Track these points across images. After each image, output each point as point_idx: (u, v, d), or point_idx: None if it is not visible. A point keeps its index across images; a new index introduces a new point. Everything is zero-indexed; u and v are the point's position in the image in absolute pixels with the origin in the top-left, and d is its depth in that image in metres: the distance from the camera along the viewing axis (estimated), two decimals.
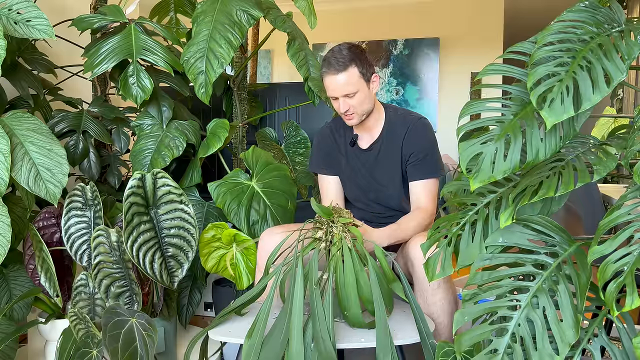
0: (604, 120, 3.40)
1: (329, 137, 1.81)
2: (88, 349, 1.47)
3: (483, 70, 1.03)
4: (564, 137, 0.93)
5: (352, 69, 1.57)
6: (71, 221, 1.75)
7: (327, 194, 1.80)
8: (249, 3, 1.88)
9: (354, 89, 1.59)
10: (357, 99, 1.60)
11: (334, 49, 1.61)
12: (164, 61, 1.86)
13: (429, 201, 1.65)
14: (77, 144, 1.94)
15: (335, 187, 1.80)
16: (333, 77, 1.58)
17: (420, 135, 1.66)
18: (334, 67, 1.57)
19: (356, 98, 1.60)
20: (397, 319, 1.38)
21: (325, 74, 1.60)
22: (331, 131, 1.81)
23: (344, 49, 1.59)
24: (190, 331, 2.23)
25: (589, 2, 0.99)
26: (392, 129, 1.71)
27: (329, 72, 1.58)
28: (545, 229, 0.96)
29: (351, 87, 1.58)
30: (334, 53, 1.59)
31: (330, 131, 1.81)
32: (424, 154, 1.65)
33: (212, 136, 1.99)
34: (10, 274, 1.85)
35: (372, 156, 1.72)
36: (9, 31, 1.60)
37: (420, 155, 1.65)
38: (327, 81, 1.60)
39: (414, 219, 1.60)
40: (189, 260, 1.69)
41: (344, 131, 1.78)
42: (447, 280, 1.47)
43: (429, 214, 1.63)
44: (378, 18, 5.40)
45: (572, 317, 0.85)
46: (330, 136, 1.80)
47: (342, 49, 1.59)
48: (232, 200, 1.82)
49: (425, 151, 1.65)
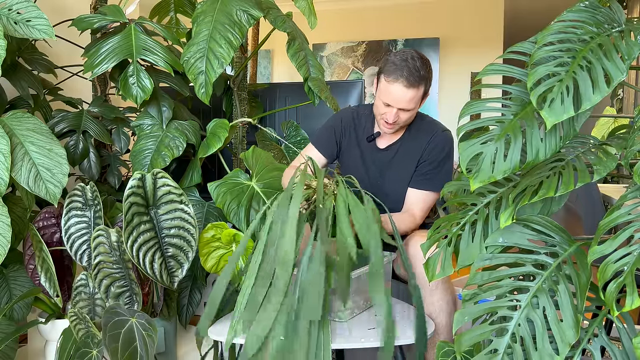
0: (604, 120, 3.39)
1: (349, 122, 1.75)
2: (88, 349, 1.47)
3: (483, 70, 1.03)
4: (564, 137, 0.93)
5: (421, 87, 1.52)
6: (71, 221, 1.75)
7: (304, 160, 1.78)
8: (249, 3, 1.88)
9: (413, 106, 1.54)
10: (409, 114, 1.57)
11: (407, 56, 1.52)
12: (164, 61, 1.86)
13: (421, 211, 1.64)
14: (77, 144, 1.94)
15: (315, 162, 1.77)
16: (401, 89, 1.50)
17: (439, 147, 1.64)
18: (408, 79, 1.49)
19: (409, 114, 1.56)
20: (397, 319, 1.38)
21: (393, 81, 1.50)
22: (353, 117, 1.76)
23: (418, 60, 1.51)
24: (190, 331, 2.23)
25: (589, 2, 0.99)
26: (415, 135, 1.67)
27: (399, 81, 1.49)
28: (545, 229, 0.96)
29: (413, 104, 1.53)
30: (408, 62, 1.50)
31: (353, 117, 1.76)
32: (435, 166, 1.63)
33: (212, 136, 1.99)
34: (10, 274, 1.85)
35: (387, 157, 1.70)
36: (9, 31, 1.60)
37: (432, 166, 1.63)
38: (393, 89, 1.51)
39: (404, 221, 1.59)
40: (189, 260, 1.69)
41: (366, 122, 1.74)
42: (446, 280, 1.47)
43: (417, 223, 1.63)
44: (378, 18, 5.40)
45: (572, 317, 0.85)
46: (351, 122, 1.75)
47: (416, 60, 1.50)
48: (232, 200, 1.82)
49: (438, 163, 1.63)
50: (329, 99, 2.16)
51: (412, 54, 1.53)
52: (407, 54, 1.53)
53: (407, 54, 1.53)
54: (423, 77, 1.51)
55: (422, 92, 1.53)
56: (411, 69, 1.49)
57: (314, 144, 1.78)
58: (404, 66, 1.49)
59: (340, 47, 5.51)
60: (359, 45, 5.46)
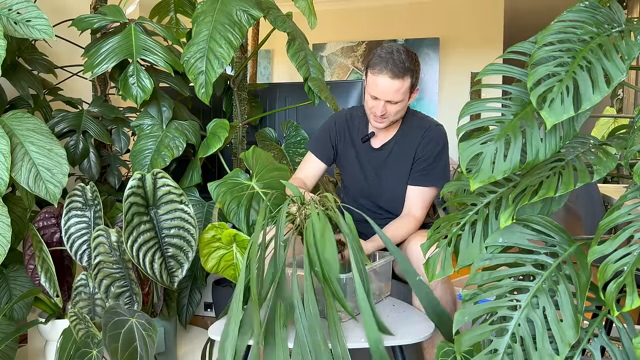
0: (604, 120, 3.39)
1: (342, 124, 1.77)
2: (88, 349, 1.47)
3: (483, 70, 1.03)
4: (564, 137, 0.93)
5: (407, 78, 1.53)
6: (71, 221, 1.75)
7: (305, 169, 1.79)
8: (249, 3, 1.88)
9: (400, 98, 1.55)
10: (397, 107, 1.57)
11: (393, 49, 1.54)
12: (164, 61, 1.86)
13: (421, 209, 1.64)
14: (77, 144, 1.94)
15: (315, 169, 1.78)
16: (386, 80, 1.52)
17: (433, 142, 1.64)
18: (392, 70, 1.50)
19: (397, 106, 1.57)
20: (397, 319, 1.38)
21: (378, 72, 1.52)
22: (346, 119, 1.78)
23: (404, 53, 1.53)
24: (190, 331, 2.23)
25: (589, 2, 0.99)
26: (408, 132, 1.68)
27: (383, 73, 1.51)
28: (545, 229, 0.96)
29: (399, 95, 1.54)
30: (393, 54, 1.52)
31: (346, 119, 1.78)
32: (431, 161, 1.64)
33: (212, 136, 1.99)
34: (10, 274, 1.85)
35: (382, 156, 1.71)
36: (9, 31, 1.60)
37: (428, 161, 1.64)
38: (379, 81, 1.53)
39: (403, 227, 1.59)
40: (189, 260, 1.69)
41: (359, 124, 1.75)
42: (446, 280, 1.47)
43: (418, 222, 1.63)
44: (378, 18, 5.40)
45: (572, 317, 0.85)
46: (344, 124, 1.77)
47: (402, 53, 1.52)
48: (232, 200, 1.82)
49: (434, 159, 1.64)
50: (329, 99, 2.16)
51: (398, 47, 1.55)
52: (392, 47, 1.55)
53: (393, 47, 1.55)
54: (408, 68, 1.52)
55: (409, 84, 1.55)
56: (396, 61, 1.51)
57: (311, 150, 1.81)
58: (389, 58, 1.51)
59: (340, 47, 5.51)
60: (359, 45, 5.46)
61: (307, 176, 1.77)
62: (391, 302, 1.52)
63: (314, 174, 1.78)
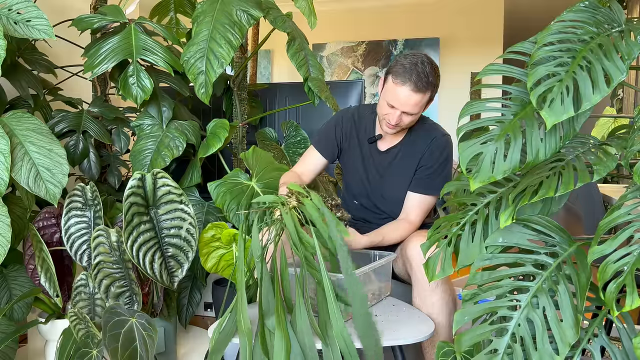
0: (604, 120, 3.40)
1: (349, 123, 1.76)
2: (88, 349, 1.47)
3: (483, 70, 1.03)
4: (564, 137, 0.93)
5: (428, 93, 1.52)
6: (71, 221, 1.75)
7: (305, 164, 1.78)
8: (249, 3, 1.88)
9: (417, 111, 1.54)
10: (412, 118, 1.57)
11: (418, 60, 1.50)
12: (164, 61, 1.86)
13: (419, 215, 1.65)
14: (77, 144, 1.94)
15: (315, 164, 1.77)
16: (408, 92, 1.49)
17: (438, 151, 1.64)
18: (416, 84, 1.48)
19: (412, 117, 1.56)
20: (397, 319, 1.38)
21: (401, 83, 1.49)
22: (354, 118, 1.76)
23: (428, 65, 1.51)
24: (190, 331, 2.23)
25: (589, 2, 0.99)
26: (415, 139, 1.68)
27: (406, 85, 1.49)
28: (545, 229, 0.96)
29: (417, 108, 1.53)
30: (417, 66, 1.49)
31: (353, 118, 1.76)
32: (434, 170, 1.64)
33: (212, 136, 1.99)
34: (10, 274, 1.84)
35: (387, 160, 1.71)
36: (9, 31, 1.60)
37: (432, 170, 1.64)
38: (400, 92, 1.50)
39: (398, 230, 1.60)
40: (189, 260, 1.69)
41: (367, 124, 1.75)
42: (446, 280, 1.47)
43: (414, 228, 1.63)
44: (378, 18, 5.40)
45: (572, 317, 0.85)
46: (352, 123, 1.75)
47: (426, 66, 1.50)
48: (232, 200, 1.82)
49: (438, 167, 1.64)
50: (329, 99, 2.16)
51: (423, 58, 1.52)
52: (417, 57, 1.52)
53: (418, 58, 1.51)
54: (431, 83, 1.51)
55: (428, 97, 1.53)
56: (420, 74, 1.48)
57: (314, 145, 1.79)
58: (413, 70, 1.48)
59: (340, 47, 5.51)
60: (359, 45, 5.46)
61: (304, 171, 1.76)
62: (391, 302, 1.52)
63: (313, 169, 1.78)
